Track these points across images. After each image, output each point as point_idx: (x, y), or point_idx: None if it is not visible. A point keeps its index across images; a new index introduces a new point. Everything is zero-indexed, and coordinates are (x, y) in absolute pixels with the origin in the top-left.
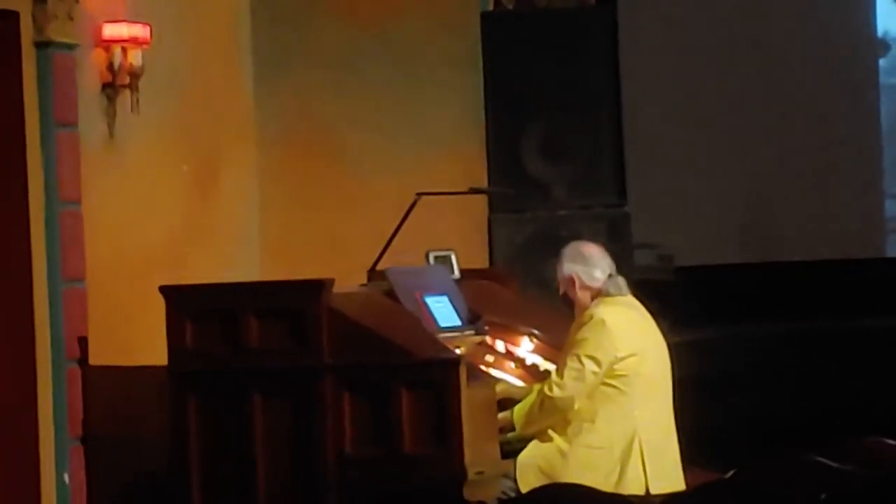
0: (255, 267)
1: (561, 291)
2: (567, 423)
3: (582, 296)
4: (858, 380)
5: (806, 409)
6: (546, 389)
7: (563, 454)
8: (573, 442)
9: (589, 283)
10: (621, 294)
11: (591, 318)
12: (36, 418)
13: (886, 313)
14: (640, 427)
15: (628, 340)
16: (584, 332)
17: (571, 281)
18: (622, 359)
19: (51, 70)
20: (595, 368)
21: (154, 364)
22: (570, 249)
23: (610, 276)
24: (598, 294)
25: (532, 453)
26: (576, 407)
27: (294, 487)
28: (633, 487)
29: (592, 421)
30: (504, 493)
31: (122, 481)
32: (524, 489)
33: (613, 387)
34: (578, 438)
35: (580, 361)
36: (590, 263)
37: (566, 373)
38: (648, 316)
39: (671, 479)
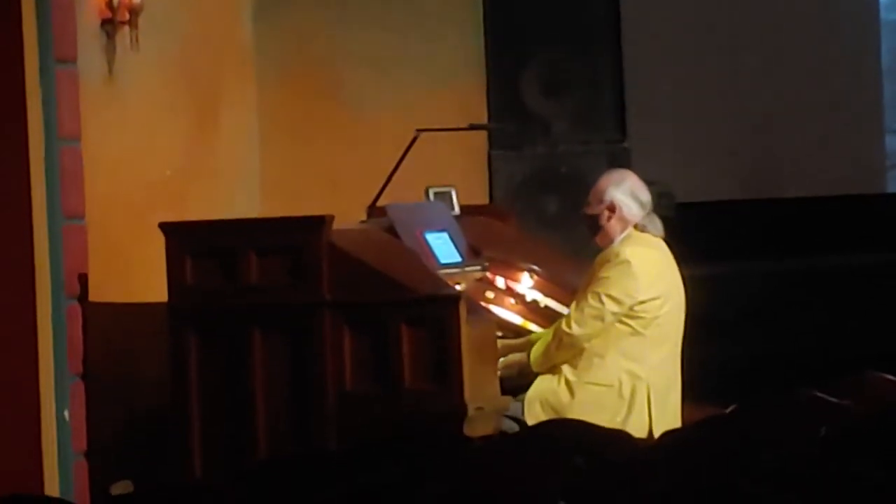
0: (255, 204)
1: (589, 212)
2: (578, 356)
3: (613, 226)
4: (859, 315)
5: (807, 345)
6: (564, 326)
7: (570, 390)
8: (581, 377)
9: (627, 215)
10: (657, 233)
11: (618, 256)
12: (36, 355)
13: (886, 249)
14: (650, 370)
15: (651, 284)
16: (608, 271)
17: (611, 207)
18: (643, 302)
19: (50, 6)
20: (615, 309)
21: (154, 301)
22: (617, 175)
23: (648, 213)
24: (629, 228)
25: (540, 388)
26: (591, 342)
27: (293, 423)
28: (637, 430)
29: (603, 357)
30: (505, 429)
31: (123, 417)
32: (531, 423)
33: (629, 326)
34: (587, 373)
35: (601, 300)
36: (633, 196)
37: (586, 310)
38: (673, 260)
39: (672, 424)
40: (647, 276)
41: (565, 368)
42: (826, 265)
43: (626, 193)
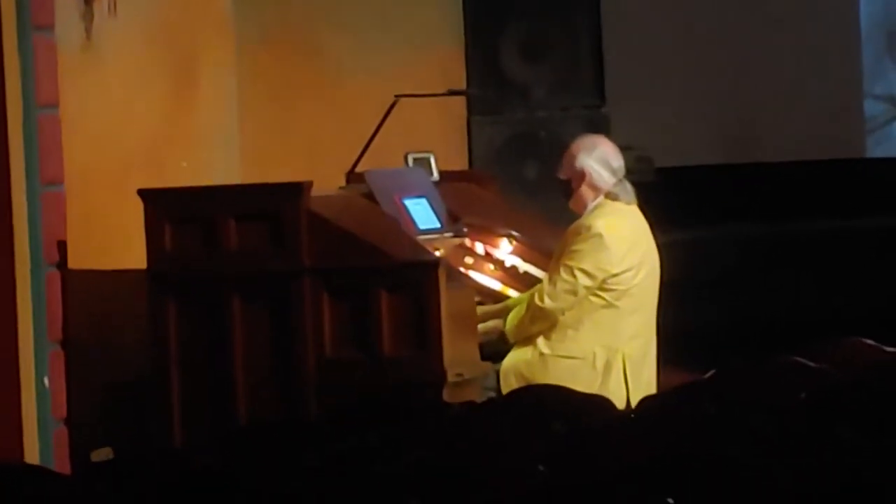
0: (235, 169)
1: (563, 177)
2: (552, 328)
3: (585, 193)
4: (838, 279)
5: (785, 310)
6: (537, 300)
7: (544, 361)
8: (555, 349)
9: (598, 183)
10: (629, 200)
11: (589, 229)
12: (15, 323)
13: (865, 214)
14: (624, 341)
15: (624, 256)
16: (580, 244)
17: (581, 175)
18: (616, 274)
19: None
20: (588, 283)
21: (133, 268)
22: (587, 142)
23: (619, 180)
24: (601, 195)
25: (515, 360)
26: (565, 314)
27: (273, 390)
28: (614, 400)
29: (576, 329)
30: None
31: (102, 385)
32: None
33: (602, 299)
34: (561, 346)
35: (573, 275)
36: (604, 163)
37: (559, 284)
38: (647, 227)
39: (647, 393)
40: (619, 247)
41: (539, 341)
42: (805, 230)
43: (597, 160)
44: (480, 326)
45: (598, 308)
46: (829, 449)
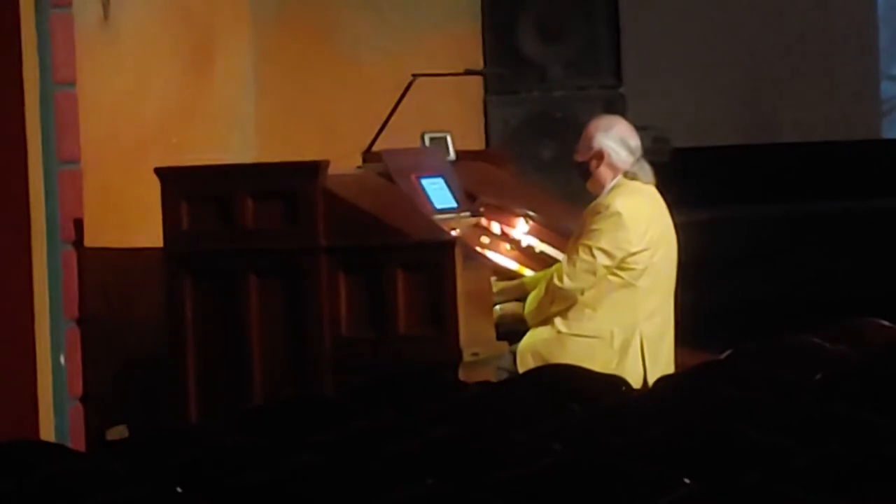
0: (251, 149)
1: (579, 159)
2: (570, 308)
3: (603, 173)
4: (854, 261)
5: (802, 291)
6: (556, 281)
7: (561, 340)
8: (573, 328)
9: (616, 162)
10: (647, 180)
11: (608, 208)
12: (31, 301)
13: (882, 195)
14: (642, 320)
15: (642, 234)
16: (599, 223)
17: (599, 155)
18: (634, 253)
19: None
20: (607, 262)
21: (150, 246)
22: (604, 122)
23: (637, 159)
24: (619, 175)
25: (532, 339)
26: (584, 294)
27: (289, 369)
28: (632, 381)
29: (594, 308)
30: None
31: (118, 362)
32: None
33: (620, 278)
34: (579, 325)
35: (592, 254)
36: (622, 142)
37: (578, 265)
38: (664, 207)
39: (665, 372)
40: (637, 226)
41: (557, 320)
42: (821, 210)
43: (615, 140)
44: (497, 310)
45: (616, 287)
46: (843, 430)
